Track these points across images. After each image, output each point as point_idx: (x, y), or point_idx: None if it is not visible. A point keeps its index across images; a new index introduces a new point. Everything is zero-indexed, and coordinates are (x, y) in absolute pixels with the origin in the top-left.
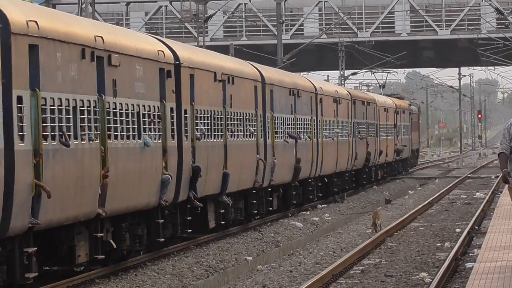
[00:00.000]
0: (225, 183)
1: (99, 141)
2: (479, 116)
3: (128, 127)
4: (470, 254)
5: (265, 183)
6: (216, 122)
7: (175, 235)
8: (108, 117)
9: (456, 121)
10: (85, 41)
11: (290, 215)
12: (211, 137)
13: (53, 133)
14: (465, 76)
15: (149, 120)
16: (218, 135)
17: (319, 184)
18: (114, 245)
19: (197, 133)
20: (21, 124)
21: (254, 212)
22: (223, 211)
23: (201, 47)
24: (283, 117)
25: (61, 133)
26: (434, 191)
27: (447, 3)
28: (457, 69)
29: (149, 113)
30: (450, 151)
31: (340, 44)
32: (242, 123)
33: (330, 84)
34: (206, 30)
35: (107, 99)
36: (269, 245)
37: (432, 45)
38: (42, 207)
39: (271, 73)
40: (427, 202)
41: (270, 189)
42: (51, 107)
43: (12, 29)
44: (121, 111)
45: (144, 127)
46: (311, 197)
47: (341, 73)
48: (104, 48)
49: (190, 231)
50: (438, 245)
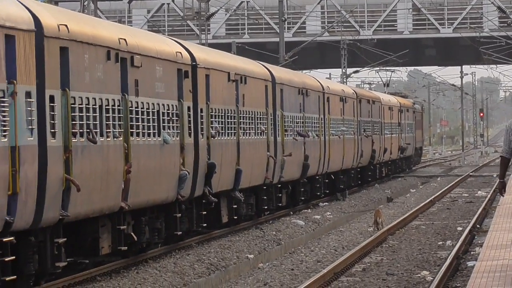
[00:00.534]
0: (238, 179)
1: (123, 138)
2: (481, 114)
3: (148, 125)
4: (471, 252)
5: (275, 180)
6: (229, 120)
7: (191, 229)
8: (130, 116)
9: (458, 119)
10: (110, 43)
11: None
12: (225, 135)
13: (81, 131)
14: (467, 74)
15: (168, 118)
16: (231, 133)
17: (326, 181)
18: (135, 238)
19: (212, 131)
20: (53, 122)
21: (264, 207)
22: (236, 206)
23: (203, 44)
24: (292, 116)
25: (88, 130)
26: (435, 190)
27: (450, 2)
28: (459, 67)
29: (168, 111)
30: (452, 150)
31: (342, 42)
32: (253, 121)
33: (336, 83)
34: (208, 28)
35: (130, 98)
36: (270, 243)
37: (434, 43)
38: (71, 200)
39: (281, 73)
40: (428, 200)
41: (279, 186)
42: (80, 106)
43: (45, 32)
44: (142, 110)
45: (163, 125)
46: (318, 194)
47: (343, 71)
48: (127, 50)
49: (205, 225)
50: (439, 243)
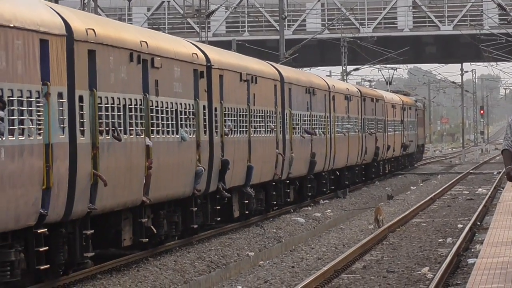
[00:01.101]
0: (249, 176)
1: (144, 135)
2: (482, 111)
3: (167, 123)
4: (472, 250)
5: (283, 176)
6: (241, 119)
7: (205, 223)
8: (151, 114)
9: (458, 116)
10: (133, 45)
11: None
12: (237, 133)
13: (107, 129)
14: (467, 71)
15: (185, 116)
16: (243, 131)
17: (332, 177)
18: (154, 230)
19: (225, 129)
20: (82, 120)
21: (273, 202)
22: (247, 201)
23: (203, 42)
24: (300, 114)
25: (113, 128)
26: (436, 187)
27: None
28: (460, 64)
29: (185, 110)
30: (452, 147)
31: (342, 39)
32: (263, 119)
33: (341, 82)
34: (208, 25)
35: (150, 97)
36: (271, 240)
37: (434, 41)
38: (98, 194)
39: (289, 73)
40: (429, 197)
41: (287, 182)
42: (105, 105)
43: (75, 36)
44: (162, 109)
45: (181, 123)
46: (324, 190)
47: (343, 68)
48: (148, 52)
49: (219, 219)
50: (440, 240)
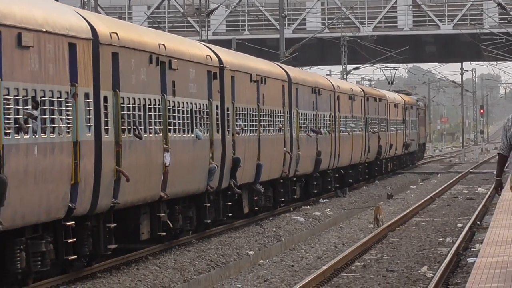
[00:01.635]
0: (258, 173)
1: (162, 134)
2: (481, 111)
3: (184, 122)
4: (472, 249)
5: (290, 174)
6: (251, 118)
7: (217, 218)
8: (168, 114)
9: (458, 116)
10: (152, 48)
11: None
12: (248, 132)
13: (128, 127)
14: (467, 71)
15: (200, 116)
16: (253, 130)
17: (336, 175)
18: (170, 225)
19: (236, 128)
20: (106, 119)
21: (281, 199)
22: (256, 198)
23: (203, 41)
24: (307, 113)
25: (135, 127)
26: (436, 186)
27: None
28: (460, 64)
29: (200, 110)
30: (452, 146)
31: (342, 38)
32: (272, 119)
33: (346, 82)
34: (208, 24)
35: (168, 98)
36: (270, 239)
37: (434, 40)
38: (121, 189)
39: (296, 73)
40: (429, 197)
41: (294, 179)
42: (127, 105)
43: (100, 40)
44: (178, 109)
45: (196, 122)
46: (329, 187)
47: (343, 67)
48: (166, 54)
49: (230, 215)
50: (440, 240)
